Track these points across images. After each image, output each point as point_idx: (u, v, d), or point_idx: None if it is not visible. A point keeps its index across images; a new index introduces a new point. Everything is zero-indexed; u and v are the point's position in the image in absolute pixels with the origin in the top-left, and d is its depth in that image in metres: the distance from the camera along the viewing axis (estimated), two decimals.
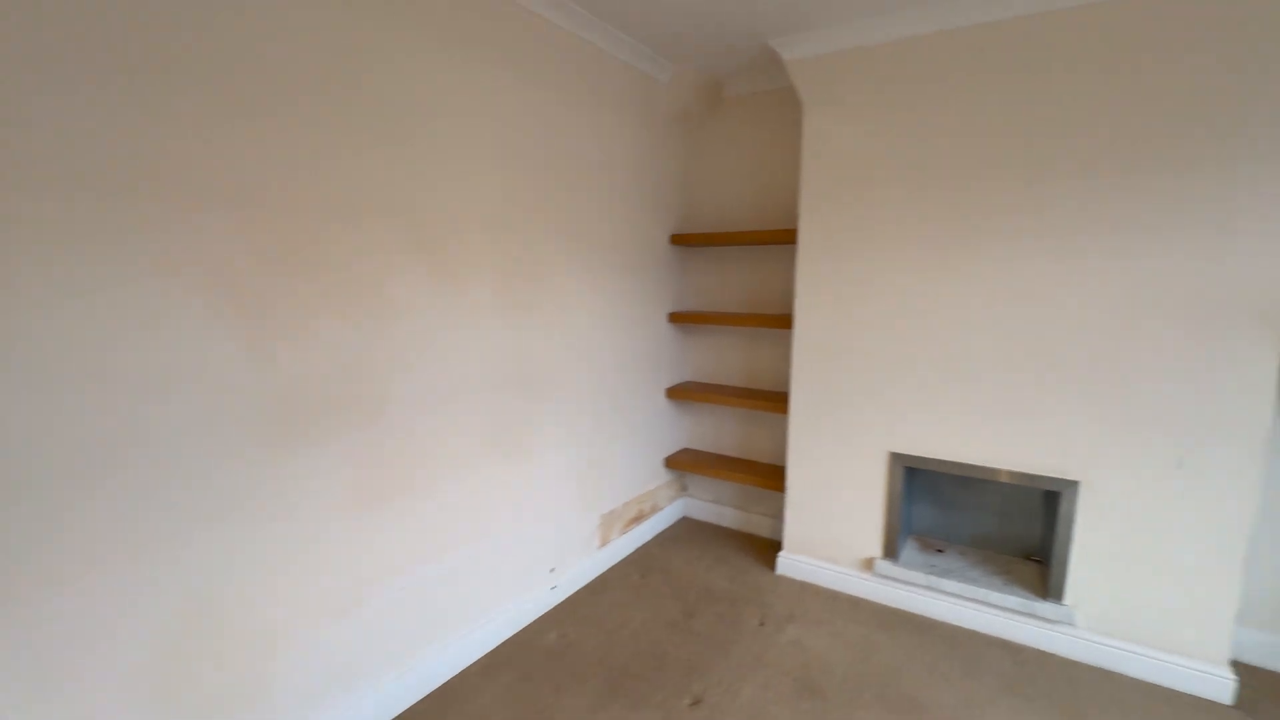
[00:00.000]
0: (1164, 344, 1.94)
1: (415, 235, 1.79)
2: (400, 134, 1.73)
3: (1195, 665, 1.99)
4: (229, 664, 1.46)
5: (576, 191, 2.39)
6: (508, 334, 2.14)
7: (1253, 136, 1.78)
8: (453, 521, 2.00)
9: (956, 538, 2.70)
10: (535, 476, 2.32)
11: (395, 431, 1.78)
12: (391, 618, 1.83)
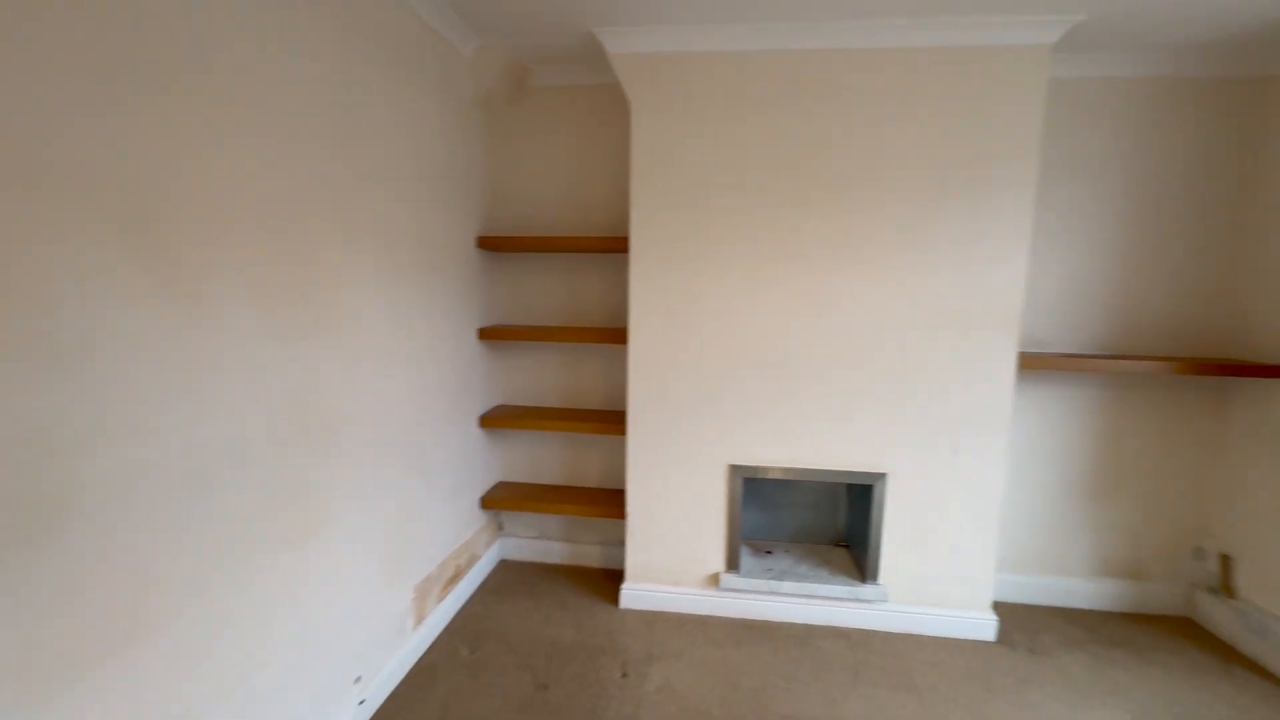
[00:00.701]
0: (944, 349, 2.28)
1: (134, 227, 1.10)
2: (124, 68, 1.04)
3: (970, 614, 2.40)
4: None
5: (370, 179, 1.82)
6: (284, 368, 1.50)
7: (990, 174, 2.18)
8: (200, 664, 1.30)
9: (778, 536, 2.85)
10: (328, 558, 1.69)
11: (90, 550, 1.06)
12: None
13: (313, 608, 1.63)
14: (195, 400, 1.25)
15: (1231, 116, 2.37)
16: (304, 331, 1.56)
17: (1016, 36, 2.10)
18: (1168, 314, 2.49)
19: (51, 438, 0.99)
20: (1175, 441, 2.53)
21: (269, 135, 1.42)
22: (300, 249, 1.54)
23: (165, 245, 1.17)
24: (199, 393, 1.26)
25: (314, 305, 1.60)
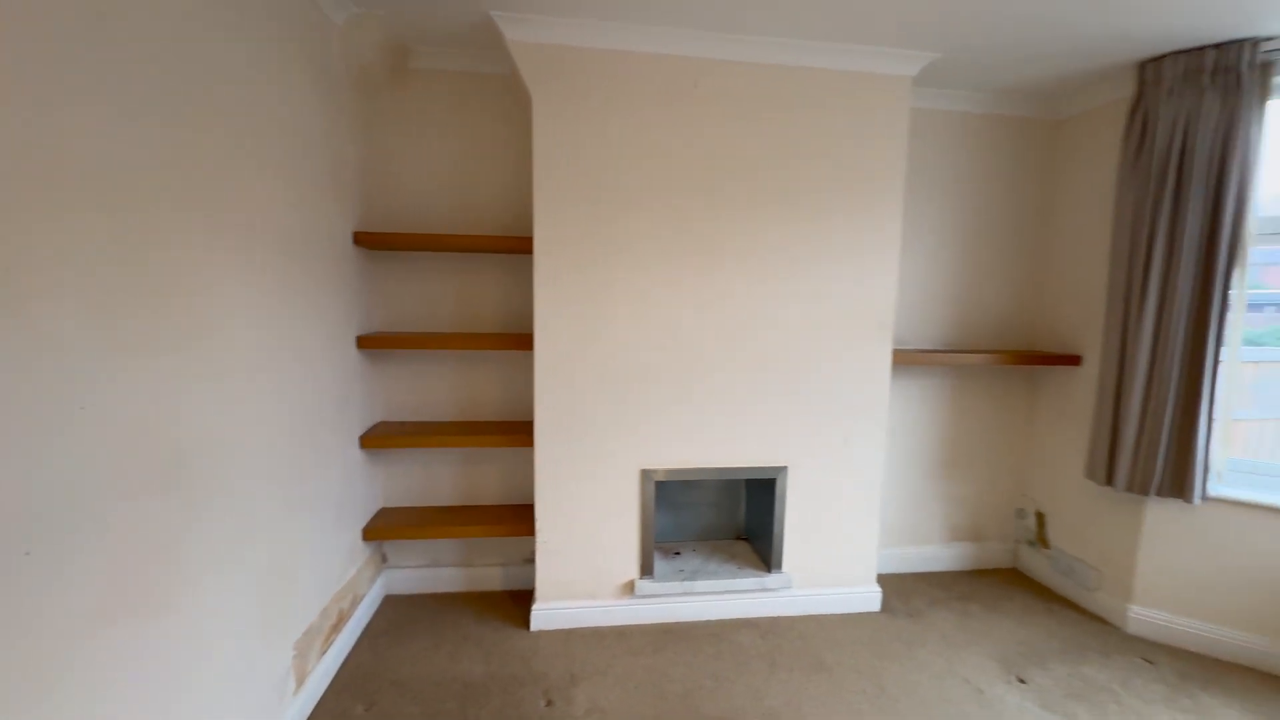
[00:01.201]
0: (834, 349, 2.48)
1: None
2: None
3: (859, 590, 2.63)
4: None
5: (231, 162, 1.50)
6: (132, 391, 1.16)
7: (868, 190, 2.41)
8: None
9: (684, 536, 2.89)
10: (191, 625, 1.35)
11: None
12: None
13: (173, 688, 1.29)
14: (11, 441, 0.91)
15: (1037, 151, 2.88)
16: (158, 344, 1.23)
17: (885, 66, 2.35)
18: (994, 314, 2.96)
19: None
20: (1000, 421, 3.01)
21: (102, 105, 1.09)
22: (148, 242, 1.21)
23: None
24: (15, 430, 0.92)
25: (170, 311, 1.27)
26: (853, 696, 2.05)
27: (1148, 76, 2.30)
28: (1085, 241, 2.70)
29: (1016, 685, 2.13)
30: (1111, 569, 2.57)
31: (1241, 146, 2.10)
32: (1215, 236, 2.16)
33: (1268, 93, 2.10)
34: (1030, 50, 2.28)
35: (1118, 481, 2.42)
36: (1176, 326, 2.25)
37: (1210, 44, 2.14)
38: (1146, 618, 2.45)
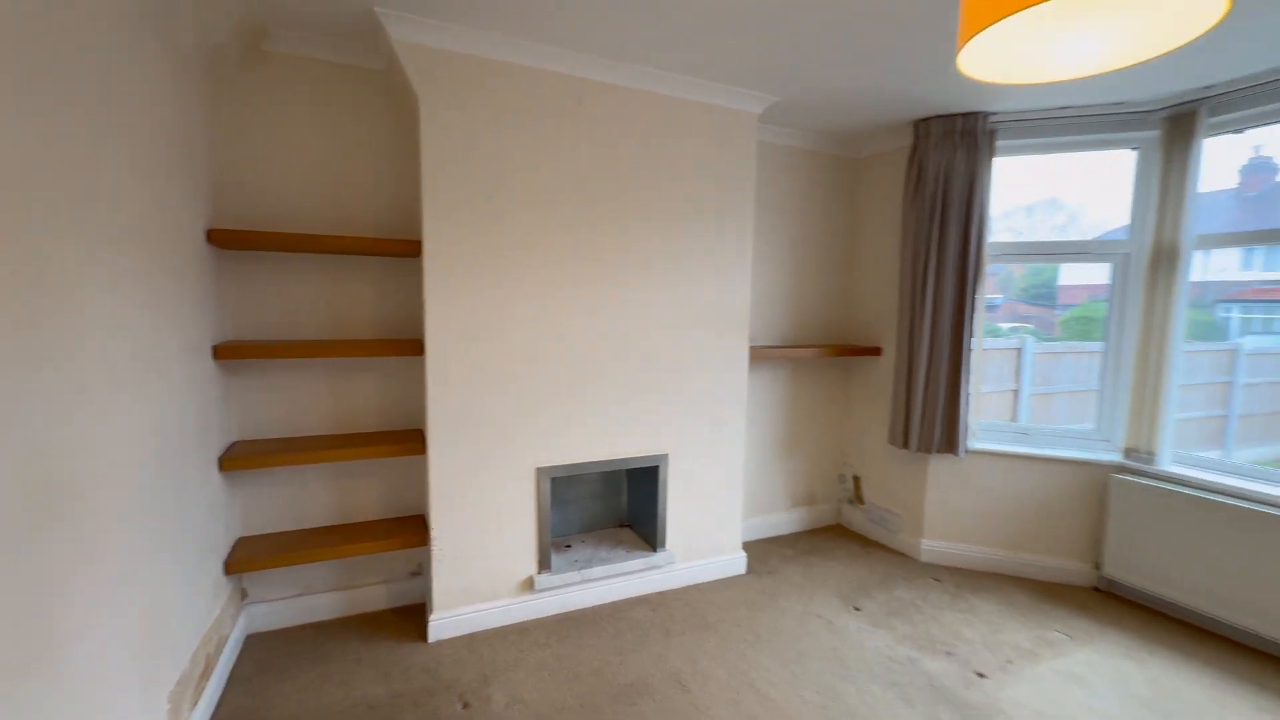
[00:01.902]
0: (704, 345, 2.81)
1: None
2: None
3: (730, 557, 3.00)
4: None
5: (71, 136, 1.30)
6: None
7: (727, 207, 2.79)
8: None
9: (571, 529, 3.02)
10: (60, 693, 1.16)
11: None
12: None
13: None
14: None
15: (846, 183, 3.55)
16: (8, 356, 1.06)
17: (737, 103, 2.74)
18: (819, 315, 3.57)
19: None
20: (824, 403, 3.64)
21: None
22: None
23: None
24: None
25: (29, 316, 1.09)
26: (737, 645, 2.38)
27: (920, 132, 3.01)
28: (882, 257, 3.40)
29: (853, 612, 2.65)
30: (908, 514, 3.29)
31: (980, 190, 2.87)
32: (966, 256, 2.92)
33: (994, 151, 2.89)
34: (841, 104, 2.84)
35: (910, 445, 3.11)
36: (944, 324, 2.97)
37: (959, 113, 2.88)
38: (933, 547, 3.18)
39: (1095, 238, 3.27)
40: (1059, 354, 5.09)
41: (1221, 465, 2.65)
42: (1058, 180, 3.58)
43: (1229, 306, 11.07)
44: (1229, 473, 2.58)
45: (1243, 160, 10.74)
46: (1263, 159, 11.20)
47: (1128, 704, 2.05)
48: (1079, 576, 2.93)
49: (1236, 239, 2.69)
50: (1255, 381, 6.44)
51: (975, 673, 2.22)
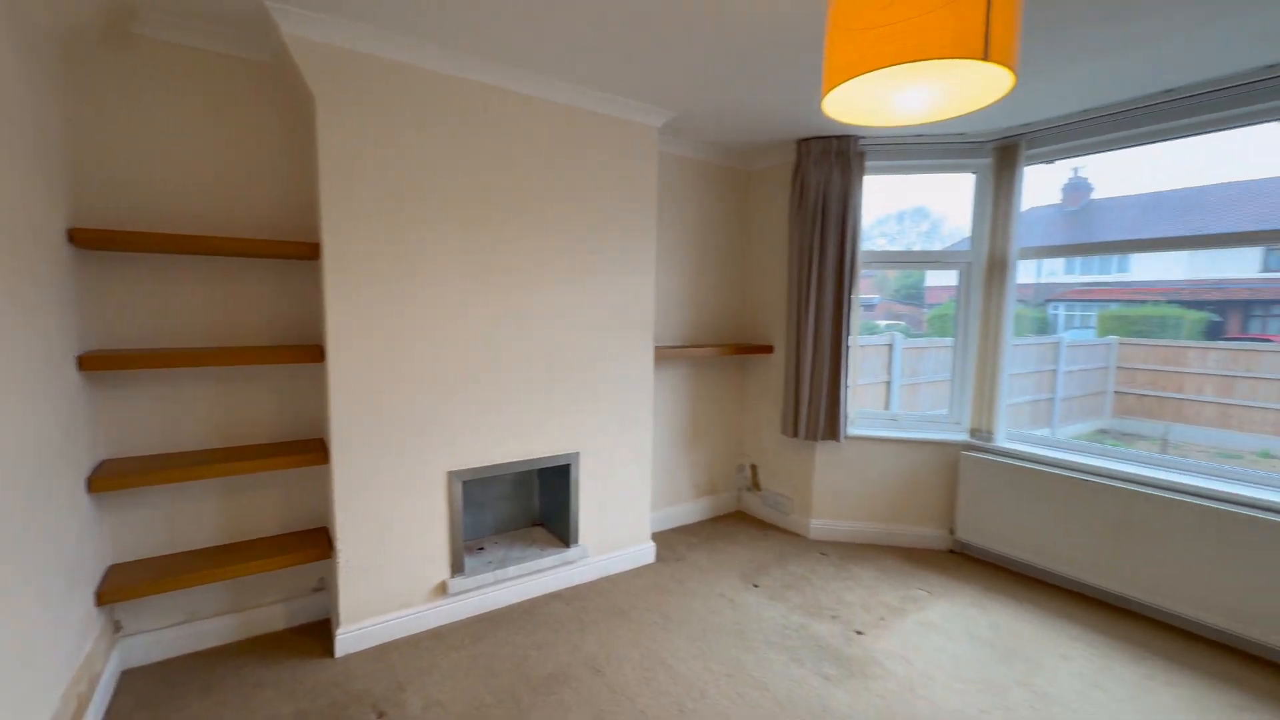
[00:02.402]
0: (612, 347, 2.93)
1: None
2: None
3: (640, 548, 3.15)
4: None
5: None
6: None
7: (632, 214, 2.94)
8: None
9: (483, 532, 3.03)
10: None
11: None
12: None
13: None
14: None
15: (740, 193, 3.82)
16: None
17: (638, 116, 2.89)
18: (717, 316, 3.82)
19: None
20: (724, 398, 3.90)
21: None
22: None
23: None
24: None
25: None
26: (649, 628, 2.53)
27: (803, 150, 3.32)
28: (772, 263, 3.71)
29: (753, 589, 2.89)
30: (799, 496, 3.61)
31: (853, 204, 3.23)
32: (843, 263, 3.27)
33: (863, 170, 3.26)
34: (733, 122, 3.08)
35: (800, 434, 3.43)
36: (826, 324, 3.31)
37: (834, 135, 3.22)
38: (820, 526, 3.53)
39: (948, 246, 3.77)
40: (923, 349, 5.75)
41: (1045, 440, 3.18)
42: (924, 192, 4.08)
43: (1056, 305, 12.90)
44: (1051, 447, 3.11)
45: (1064, 180, 12.45)
46: (1080, 179, 13.06)
47: (973, 644, 2.44)
48: (938, 541, 3.39)
49: (1051, 251, 3.24)
50: (1073, 369, 7.61)
51: (855, 631, 2.52)
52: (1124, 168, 4.06)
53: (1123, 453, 3.00)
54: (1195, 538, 2.45)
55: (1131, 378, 7.65)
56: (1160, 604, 2.57)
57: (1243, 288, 11.11)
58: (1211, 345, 7.68)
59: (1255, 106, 2.37)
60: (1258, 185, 10.97)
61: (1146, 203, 13.76)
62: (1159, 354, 7.57)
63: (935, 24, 1.00)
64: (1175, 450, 6.87)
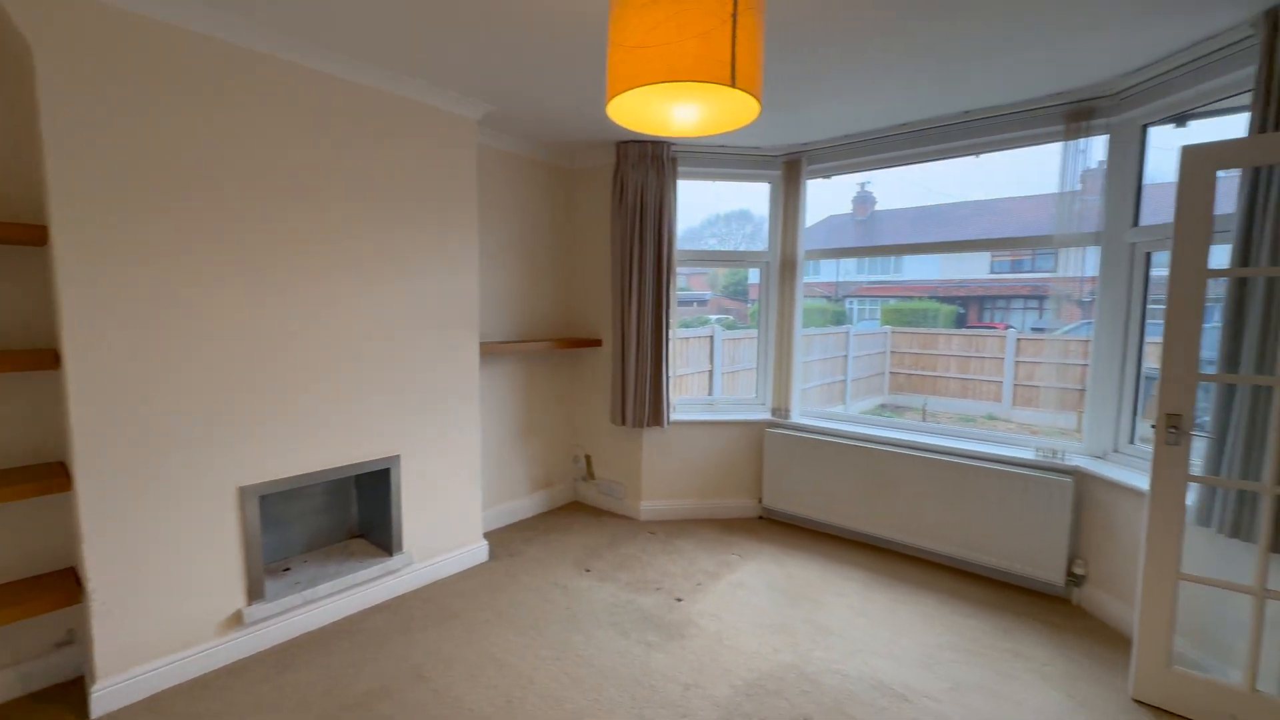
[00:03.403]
0: (432, 345, 2.83)
1: None
2: None
3: (471, 548, 3.09)
4: None
5: None
6: None
7: (450, 205, 2.86)
8: None
9: (290, 552, 2.75)
10: None
11: None
12: None
13: None
14: None
15: (565, 191, 3.89)
16: None
17: (457, 107, 2.82)
18: (548, 311, 3.86)
19: None
20: (557, 391, 3.97)
21: None
22: None
23: None
24: None
25: None
26: (480, 627, 2.50)
27: (621, 152, 3.49)
28: (596, 259, 3.84)
29: (585, 574, 3.00)
30: (629, 482, 3.81)
31: (668, 207, 3.47)
32: (660, 260, 3.50)
33: (676, 174, 3.52)
34: (554, 121, 3.14)
35: (628, 422, 3.62)
36: (647, 317, 3.52)
37: (649, 140, 3.43)
38: (649, 507, 3.76)
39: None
40: (740, 339, 6.37)
41: (831, 415, 3.72)
42: (746, 197, 4.48)
43: (851, 301, 14.92)
44: (835, 420, 3.65)
45: (854, 194, 14.34)
46: (866, 193, 15.14)
47: (772, 594, 2.79)
48: (750, 510, 3.80)
49: (830, 253, 3.79)
50: (861, 354, 8.94)
51: (675, 598, 2.74)
52: (898, 185, 4.86)
53: (890, 421, 3.63)
54: (937, 486, 3.06)
55: (902, 360, 9.22)
56: (912, 541, 3.16)
57: (978, 286, 13.85)
58: (956, 332, 9.54)
59: (967, 141, 3.01)
60: (988, 204, 13.66)
61: (915, 215, 16.48)
62: (920, 340, 9.24)
63: (690, 51, 1.14)
64: (931, 418, 8.43)
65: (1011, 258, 12.89)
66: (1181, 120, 2.50)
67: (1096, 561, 2.64)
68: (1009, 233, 3.41)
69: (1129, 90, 2.51)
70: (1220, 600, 2.07)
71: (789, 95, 2.73)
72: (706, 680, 2.16)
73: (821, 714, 1.98)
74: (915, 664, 2.26)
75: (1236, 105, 2.25)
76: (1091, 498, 2.67)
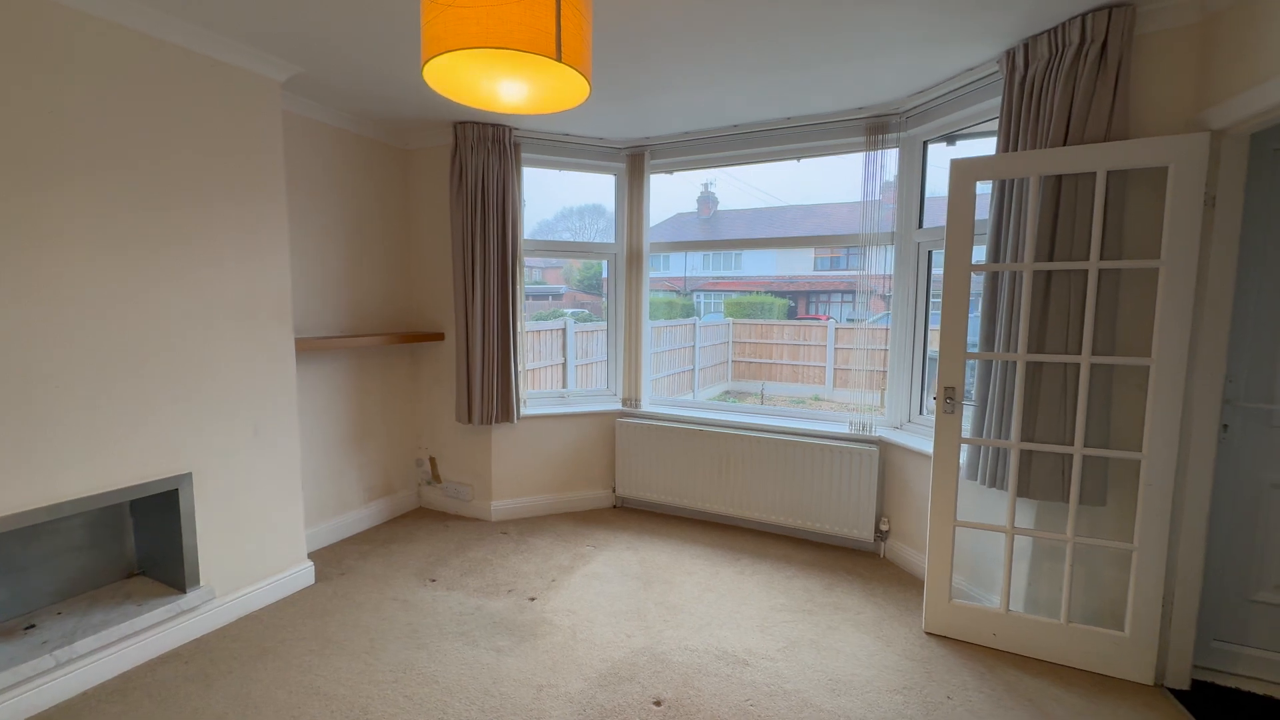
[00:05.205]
0: (231, 341, 2.42)
1: None
2: None
3: (293, 571, 2.72)
4: None
5: None
6: None
7: (251, 179, 2.46)
8: None
9: (39, 602, 2.19)
10: None
11: None
12: None
13: None
14: None
15: (398, 172, 3.56)
16: None
17: (255, 65, 2.43)
18: (380, 302, 3.52)
19: None
20: (394, 390, 3.65)
21: None
22: None
23: None
24: None
25: None
26: (301, 659, 2.21)
27: (459, 134, 3.28)
28: (436, 247, 3.59)
29: (429, 584, 2.79)
30: (479, 482, 3.63)
31: (512, 194, 3.34)
32: (505, 250, 3.36)
33: (520, 161, 3.40)
34: (377, 91, 2.85)
35: (475, 419, 3.43)
36: (493, 310, 3.37)
37: (490, 123, 3.26)
38: (501, 507, 3.61)
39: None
40: (593, 331, 6.39)
41: (678, 402, 3.87)
42: (597, 191, 4.45)
43: (699, 294, 15.73)
44: (681, 407, 3.79)
45: (698, 193, 15.11)
46: (709, 193, 16.04)
47: (626, 581, 2.83)
48: (604, 500, 3.83)
49: (673, 246, 3.92)
50: (707, 344, 9.47)
51: (528, 598, 2.66)
52: (737, 187, 5.19)
53: (731, 406, 3.86)
54: (770, 463, 3.32)
55: (742, 349, 9.96)
56: (752, 515, 3.40)
57: (804, 281, 15.37)
58: (788, 323, 10.51)
59: (790, 145, 3.28)
60: (812, 208, 15.14)
61: (752, 216, 17.75)
62: (758, 330, 10.04)
63: (512, 17, 1.07)
64: (769, 401, 9.22)
65: (831, 255, 14.51)
66: (951, 139, 2.96)
67: (897, 518, 3.05)
68: (830, 233, 3.79)
69: (913, 110, 2.90)
70: (983, 541, 2.50)
71: (624, 87, 2.76)
72: (560, 678, 2.12)
73: (672, 691, 2.04)
74: (755, 629, 2.43)
75: (990, 130, 2.72)
76: (892, 463, 3.08)
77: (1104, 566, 2.23)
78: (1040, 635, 2.22)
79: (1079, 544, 2.16)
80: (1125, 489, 2.16)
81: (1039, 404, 2.20)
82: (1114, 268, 2.05)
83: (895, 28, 2.19)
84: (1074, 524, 2.14)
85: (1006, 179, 2.23)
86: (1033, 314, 2.17)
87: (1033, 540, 2.32)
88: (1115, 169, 1.99)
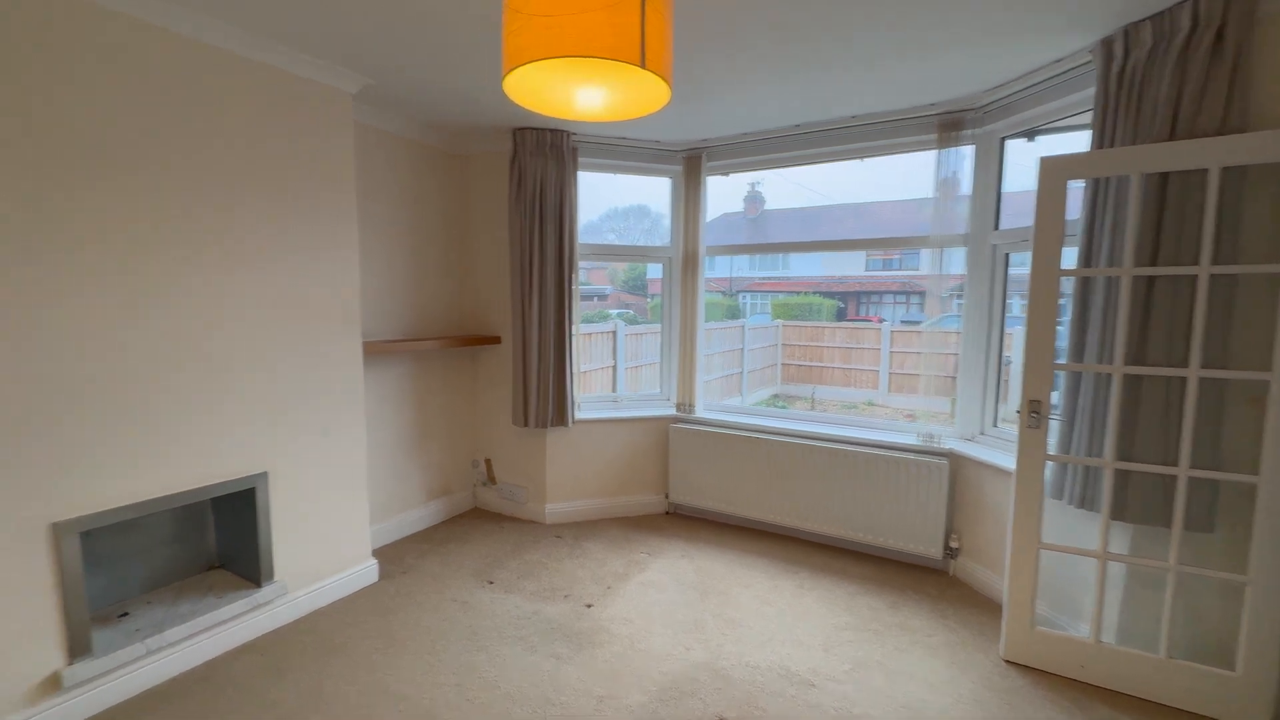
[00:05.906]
0: (306, 346, 2.51)
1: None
2: None
3: (358, 569, 2.80)
4: None
5: None
6: None
7: (323, 187, 2.54)
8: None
9: (131, 591, 2.33)
10: None
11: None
12: None
13: None
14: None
15: (458, 178, 3.63)
16: None
17: (328, 78, 2.51)
18: (442, 306, 3.60)
19: None
20: (453, 392, 3.72)
21: None
22: None
23: None
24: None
25: None
26: (368, 656, 2.26)
27: (519, 140, 3.31)
28: (493, 250, 3.63)
29: (488, 586, 2.82)
30: (533, 485, 3.66)
31: (569, 198, 3.35)
32: (562, 254, 3.37)
33: (577, 165, 3.40)
34: (443, 103, 2.90)
35: (530, 423, 3.46)
36: (549, 312, 3.38)
37: (548, 129, 3.28)
38: (555, 510, 3.63)
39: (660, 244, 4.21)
40: (642, 334, 6.37)
41: (731, 408, 3.80)
42: (644, 192, 4.43)
43: (745, 295, 15.51)
44: (735, 413, 3.72)
45: (745, 193, 14.82)
46: (756, 193, 15.66)
47: (683, 590, 2.79)
48: (657, 506, 3.79)
49: (729, 249, 3.86)
50: (755, 347, 9.32)
51: (585, 605, 2.65)
52: (783, 186, 5.08)
53: (783, 413, 3.77)
54: (831, 473, 3.21)
55: (791, 352, 9.74)
56: (808, 527, 3.30)
57: (855, 282, 14.95)
58: (839, 325, 10.23)
59: (855, 145, 3.17)
60: (860, 207, 14.70)
61: (799, 216, 17.37)
62: (807, 333, 9.80)
63: (597, 24, 1.04)
64: (819, 406, 8.98)
65: (884, 256, 14.05)
66: (1031, 135, 2.79)
67: (969, 534, 2.90)
68: (879, 233, 3.64)
69: (991, 105, 2.75)
70: (1070, 565, 2.33)
71: (689, 87, 2.71)
72: (620, 689, 2.09)
73: (735, 711, 1.99)
74: (819, 648, 2.34)
75: (1076, 124, 2.54)
76: (964, 477, 2.92)
77: (1208, 598, 2.04)
78: (1136, 670, 2.05)
79: (1182, 573, 1.99)
80: (1237, 515, 1.97)
81: (1137, 420, 2.03)
82: (1228, 273, 1.87)
83: (975, 22, 2.06)
84: (1177, 551, 1.97)
85: (1103, 177, 2.07)
86: (1132, 323, 2.01)
87: (1125, 567, 2.15)
88: (1232, 165, 1.82)
